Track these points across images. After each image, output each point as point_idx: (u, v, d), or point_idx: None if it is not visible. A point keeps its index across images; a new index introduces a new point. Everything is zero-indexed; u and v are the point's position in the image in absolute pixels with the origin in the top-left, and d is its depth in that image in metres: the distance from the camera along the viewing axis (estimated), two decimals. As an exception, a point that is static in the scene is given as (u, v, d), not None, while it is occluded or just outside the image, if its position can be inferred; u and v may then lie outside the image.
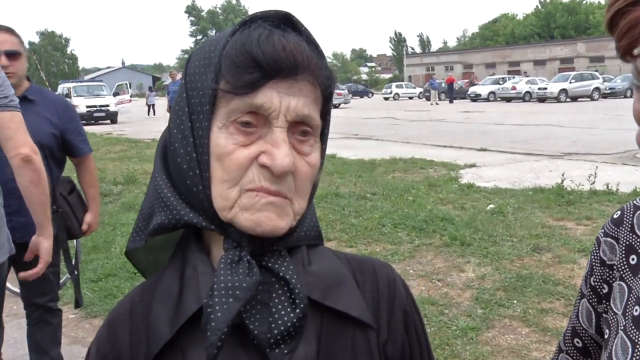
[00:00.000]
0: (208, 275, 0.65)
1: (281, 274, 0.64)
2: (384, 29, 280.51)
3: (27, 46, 2.83)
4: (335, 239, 5.56)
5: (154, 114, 31.30)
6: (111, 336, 0.69)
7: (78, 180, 2.92)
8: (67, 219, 2.75)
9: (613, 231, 0.83)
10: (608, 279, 0.83)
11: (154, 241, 0.73)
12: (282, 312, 0.63)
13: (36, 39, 77.26)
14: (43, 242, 2.12)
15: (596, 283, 0.85)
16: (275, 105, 0.61)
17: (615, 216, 0.85)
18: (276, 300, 0.64)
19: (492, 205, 6.60)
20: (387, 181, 8.45)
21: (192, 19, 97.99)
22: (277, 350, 0.63)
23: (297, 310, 0.63)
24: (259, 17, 0.65)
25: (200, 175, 0.64)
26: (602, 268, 0.84)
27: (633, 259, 0.78)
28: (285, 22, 0.65)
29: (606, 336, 0.80)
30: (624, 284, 0.78)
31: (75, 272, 3.00)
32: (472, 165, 9.85)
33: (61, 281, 3.64)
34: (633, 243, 0.79)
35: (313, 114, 0.64)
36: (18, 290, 4.28)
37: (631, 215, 0.82)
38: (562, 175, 7.44)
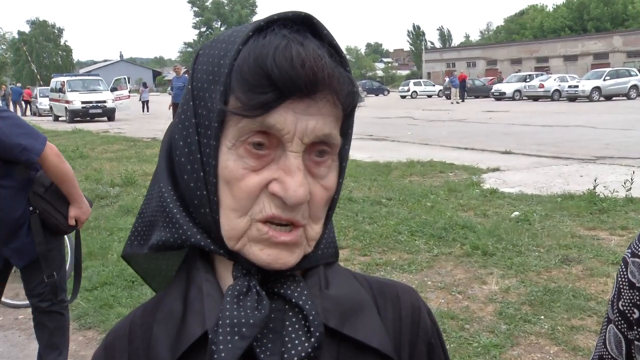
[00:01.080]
0: (214, 297, 0.64)
1: (294, 300, 0.64)
2: (402, 22, 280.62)
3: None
4: (348, 247, 5.57)
5: (148, 111, 31.63)
6: None
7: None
8: (49, 217, 2.78)
9: None
10: (638, 302, 0.82)
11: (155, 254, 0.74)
12: (296, 342, 0.62)
13: (26, 29, 77.84)
14: None
15: (625, 307, 0.84)
16: (290, 127, 0.60)
17: None
18: (290, 329, 0.63)
19: (517, 213, 6.57)
20: (403, 185, 8.44)
21: (196, 9, 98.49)
22: None
23: (312, 339, 0.62)
24: (276, 21, 0.62)
25: (208, 198, 0.64)
26: (632, 291, 0.83)
27: None
28: (305, 25, 0.63)
29: None
30: None
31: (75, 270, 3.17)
32: (496, 169, 9.81)
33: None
34: None
35: (333, 132, 0.63)
36: (11, 302, 4.37)
37: None
38: (595, 180, 7.38)
